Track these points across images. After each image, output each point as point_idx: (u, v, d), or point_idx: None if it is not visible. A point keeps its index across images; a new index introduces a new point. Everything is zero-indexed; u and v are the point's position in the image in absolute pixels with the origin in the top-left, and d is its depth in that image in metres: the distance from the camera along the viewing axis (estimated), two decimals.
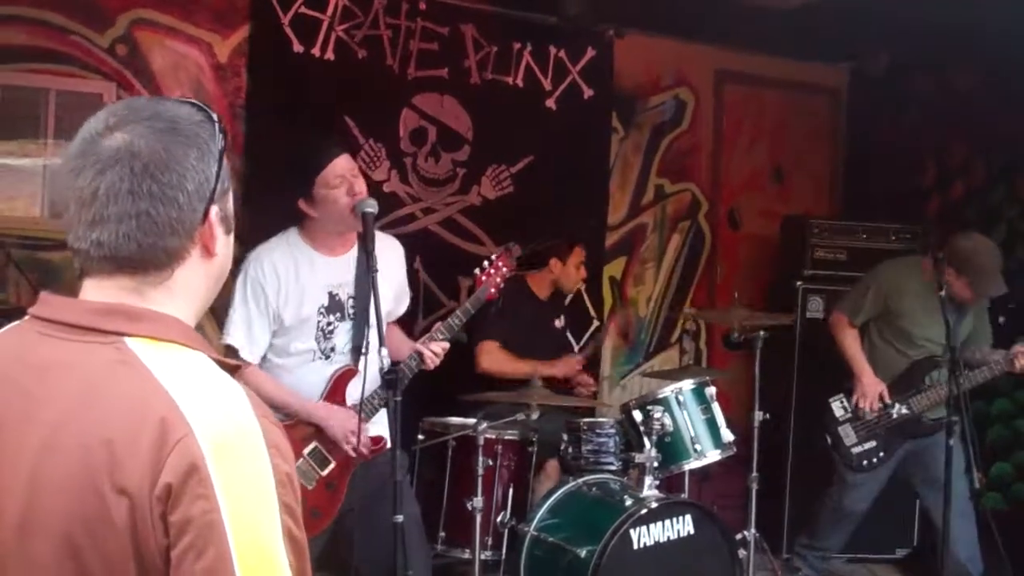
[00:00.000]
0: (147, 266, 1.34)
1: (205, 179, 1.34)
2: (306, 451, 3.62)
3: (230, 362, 1.37)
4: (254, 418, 1.27)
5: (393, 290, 3.79)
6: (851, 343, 5.05)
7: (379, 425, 3.61)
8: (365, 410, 3.55)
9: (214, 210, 1.36)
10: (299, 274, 3.63)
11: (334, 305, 3.66)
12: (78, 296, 1.37)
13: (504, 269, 3.91)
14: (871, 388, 4.95)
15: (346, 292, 3.67)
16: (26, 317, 1.39)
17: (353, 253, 3.70)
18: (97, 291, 1.35)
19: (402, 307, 3.99)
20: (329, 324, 3.65)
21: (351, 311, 3.67)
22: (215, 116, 1.38)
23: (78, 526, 1.23)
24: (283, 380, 3.64)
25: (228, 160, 1.39)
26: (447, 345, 3.77)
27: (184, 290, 1.37)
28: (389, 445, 3.54)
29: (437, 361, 3.73)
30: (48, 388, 1.30)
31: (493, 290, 3.88)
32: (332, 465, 3.63)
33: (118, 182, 1.30)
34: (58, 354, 1.32)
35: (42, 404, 1.29)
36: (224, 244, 1.40)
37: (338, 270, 3.68)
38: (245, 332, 3.59)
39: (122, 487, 1.21)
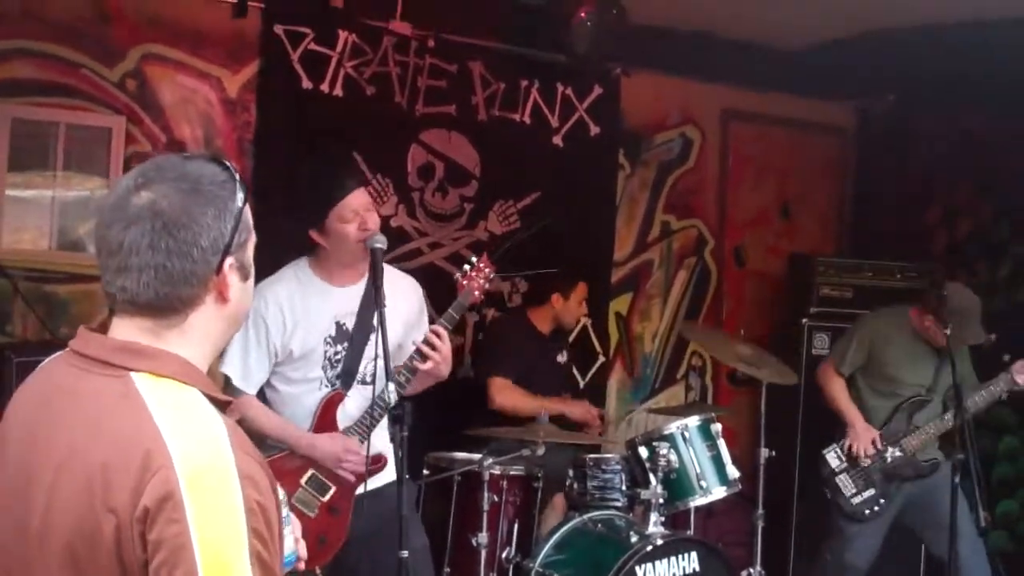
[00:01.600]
0: (164, 311, 1.53)
1: (220, 235, 1.52)
2: (303, 480, 3.60)
3: (221, 398, 1.54)
4: (229, 451, 1.43)
5: (402, 325, 3.71)
6: (839, 392, 5.09)
7: (378, 445, 3.59)
8: (359, 432, 3.57)
9: (228, 261, 1.54)
10: (307, 305, 3.64)
11: (341, 335, 3.66)
12: (107, 331, 1.57)
13: (487, 271, 3.78)
14: (864, 434, 4.98)
15: (352, 322, 3.67)
16: (67, 348, 1.59)
17: (362, 284, 3.69)
18: (121, 329, 1.55)
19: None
20: (336, 353, 3.66)
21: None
22: (238, 176, 1.57)
23: (78, 539, 1.41)
24: (291, 408, 3.66)
25: (250, 210, 1.58)
26: (445, 334, 3.61)
27: (197, 332, 1.56)
28: (391, 469, 3.56)
29: (440, 349, 3.58)
30: (70, 414, 1.50)
31: (477, 293, 3.75)
32: (333, 490, 3.62)
33: (140, 237, 1.49)
34: (80, 384, 1.52)
35: (64, 428, 1.49)
36: (239, 290, 1.58)
37: (347, 300, 3.68)
38: (241, 363, 3.61)
39: (111, 506, 1.40)
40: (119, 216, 1.51)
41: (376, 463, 3.62)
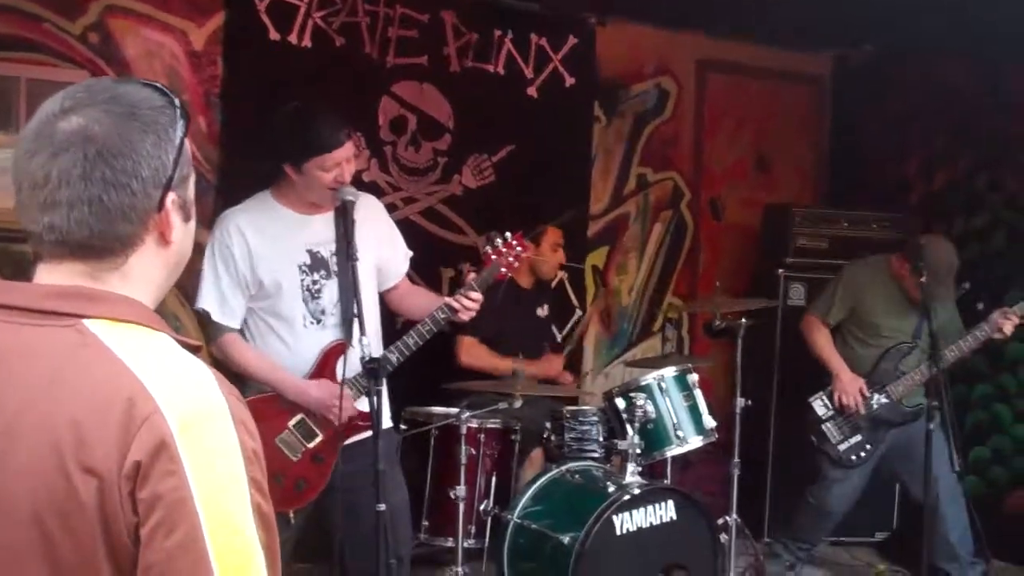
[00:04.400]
0: (100, 252, 1.33)
1: (161, 166, 1.33)
2: (291, 423, 3.57)
3: (191, 342, 1.37)
4: (221, 395, 1.28)
5: (378, 248, 3.67)
6: (824, 342, 5.13)
7: (363, 402, 3.56)
8: (356, 386, 3.52)
9: (171, 197, 1.35)
10: (272, 232, 3.56)
11: (317, 263, 3.59)
12: (32, 280, 1.36)
13: (519, 249, 3.74)
14: (851, 384, 5.00)
15: (328, 249, 3.59)
16: None
17: (331, 213, 3.61)
18: (50, 275, 1.35)
19: (399, 265, 3.87)
20: (315, 283, 3.58)
21: (335, 268, 3.59)
22: (177, 101, 1.37)
23: (46, 507, 1.22)
24: (277, 349, 3.59)
25: (191, 145, 1.39)
26: (480, 296, 3.66)
27: (140, 276, 1.37)
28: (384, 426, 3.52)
29: (471, 311, 3.65)
30: (8, 374, 1.28)
31: (504, 270, 3.74)
32: (319, 438, 3.59)
33: (70, 167, 1.29)
34: (15, 339, 1.30)
35: (3, 391, 1.28)
36: (182, 232, 1.39)
37: (316, 228, 3.60)
38: (216, 296, 3.54)
39: (89, 467, 1.21)
40: (44, 144, 1.30)
41: (366, 419, 3.57)
